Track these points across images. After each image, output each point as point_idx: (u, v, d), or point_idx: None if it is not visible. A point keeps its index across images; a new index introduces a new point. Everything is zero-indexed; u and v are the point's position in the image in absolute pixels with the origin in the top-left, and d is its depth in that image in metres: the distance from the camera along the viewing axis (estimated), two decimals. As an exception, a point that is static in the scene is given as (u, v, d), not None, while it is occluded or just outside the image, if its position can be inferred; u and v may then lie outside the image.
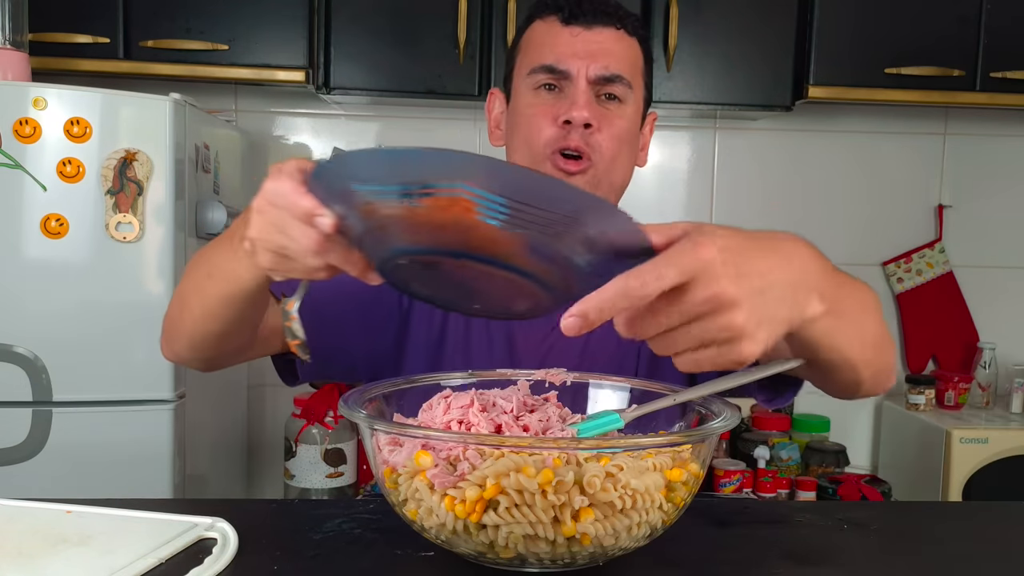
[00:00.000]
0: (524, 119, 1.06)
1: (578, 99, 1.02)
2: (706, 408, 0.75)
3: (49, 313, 1.64)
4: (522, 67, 1.08)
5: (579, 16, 1.05)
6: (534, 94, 1.06)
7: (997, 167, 2.52)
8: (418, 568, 0.67)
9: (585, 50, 1.04)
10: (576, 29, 1.05)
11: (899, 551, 0.74)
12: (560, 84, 1.04)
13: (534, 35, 1.08)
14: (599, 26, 1.05)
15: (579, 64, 1.03)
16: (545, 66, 1.04)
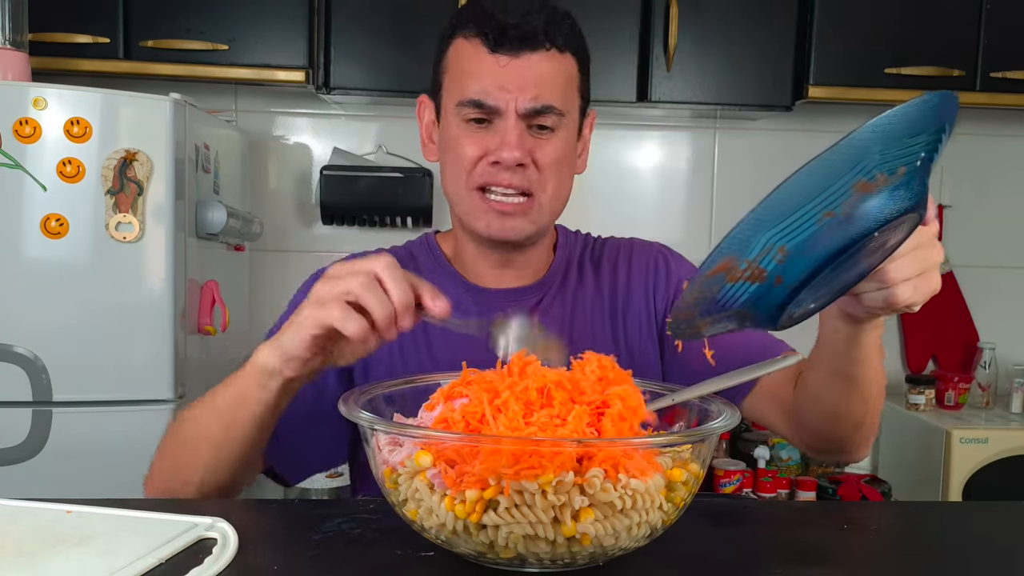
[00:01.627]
0: (454, 151, 1.03)
1: (508, 136, 0.99)
2: (706, 408, 0.75)
3: (49, 313, 1.64)
4: (450, 92, 1.03)
5: (504, 43, 0.99)
6: (464, 125, 1.02)
7: (997, 167, 2.52)
8: (418, 568, 0.67)
9: (513, 82, 0.99)
10: (503, 58, 0.99)
11: (899, 551, 0.74)
12: (490, 117, 1.00)
13: (460, 57, 1.02)
14: (527, 52, 0.99)
15: (508, 98, 0.99)
16: (473, 101, 1.00)
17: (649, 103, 2.13)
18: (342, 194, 2.26)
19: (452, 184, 1.05)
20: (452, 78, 1.03)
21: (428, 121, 1.11)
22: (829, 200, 0.58)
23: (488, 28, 0.99)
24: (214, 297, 1.86)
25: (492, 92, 0.99)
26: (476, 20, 1.01)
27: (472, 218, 1.04)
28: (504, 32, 0.98)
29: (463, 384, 0.70)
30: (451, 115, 1.03)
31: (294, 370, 0.83)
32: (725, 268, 0.61)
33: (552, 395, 0.67)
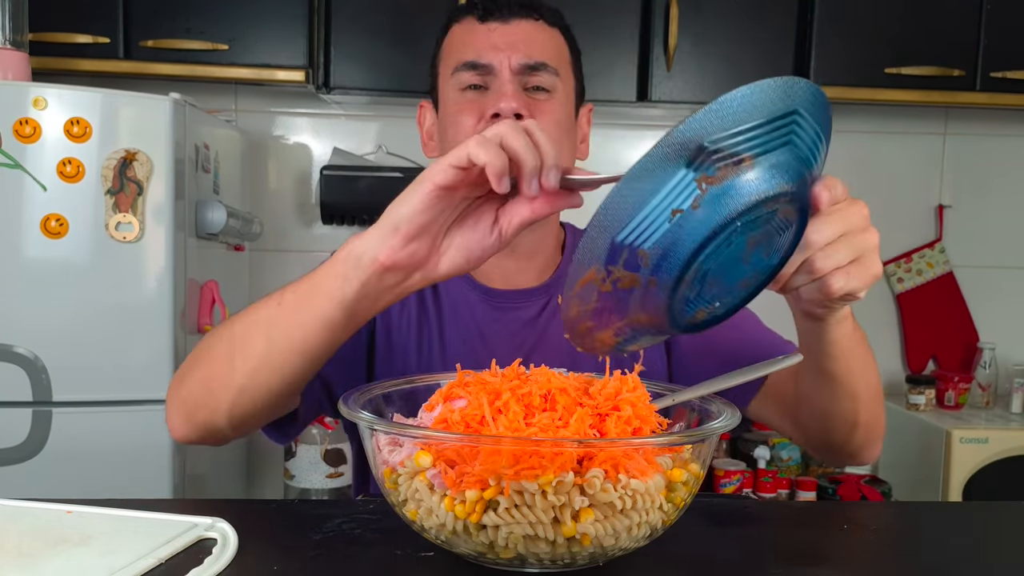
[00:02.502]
0: (452, 120, 1.02)
1: (504, 89, 0.99)
2: (706, 408, 0.75)
3: (49, 313, 1.64)
4: (445, 71, 1.05)
5: (494, 11, 1.02)
6: (460, 95, 1.02)
7: (997, 167, 2.52)
8: (418, 568, 0.67)
9: (505, 42, 1.00)
10: (493, 24, 1.02)
11: (899, 551, 0.74)
12: (485, 81, 1.01)
13: (453, 38, 1.06)
14: (516, 19, 1.02)
15: (501, 56, 1.00)
16: (467, 63, 1.00)
17: (649, 103, 2.13)
18: (342, 194, 2.26)
19: None
20: (446, 60, 1.05)
21: (429, 124, 1.12)
22: (673, 197, 0.56)
23: (479, 3, 1.03)
24: (214, 297, 1.86)
25: (484, 52, 1.00)
26: (468, 5, 1.04)
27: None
28: (495, 1, 1.02)
29: (460, 386, 0.70)
30: (448, 92, 1.03)
31: (392, 255, 0.70)
32: (592, 278, 0.60)
33: (556, 399, 0.67)
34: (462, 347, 1.04)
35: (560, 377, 0.70)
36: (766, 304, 2.15)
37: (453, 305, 1.07)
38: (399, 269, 0.72)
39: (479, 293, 1.08)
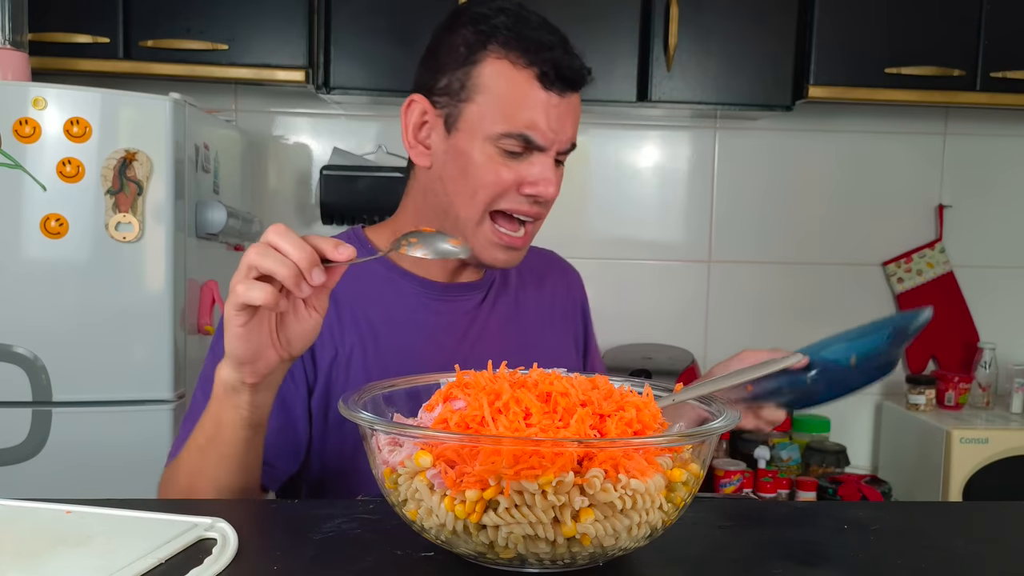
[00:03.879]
0: (480, 176, 1.01)
1: (548, 175, 1.01)
2: (706, 408, 0.75)
3: (49, 313, 1.64)
4: (486, 117, 1.00)
5: (558, 83, 1.00)
6: (497, 154, 1.01)
7: (997, 167, 2.52)
8: (418, 568, 0.67)
9: (559, 123, 1.01)
10: (555, 98, 1.00)
11: (899, 551, 0.74)
12: (527, 149, 1.01)
13: (505, 82, 1.00)
14: (570, 92, 1.02)
15: (553, 138, 1.01)
16: (522, 135, 0.99)
17: (649, 103, 2.13)
18: (342, 194, 2.26)
19: (462, 204, 1.03)
20: (491, 101, 1.01)
21: (418, 122, 1.07)
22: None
23: (544, 65, 0.99)
24: (214, 297, 1.86)
25: (543, 130, 1.00)
26: (525, 49, 1.00)
27: (478, 245, 1.04)
28: (560, 72, 1.00)
29: (459, 387, 0.70)
30: (482, 139, 1.01)
31: (253, 375, 0.81)
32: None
33: (557, 402, 0.67)
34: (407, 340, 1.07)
35: (563, 378, 0.70)
36: (767, 304, 2.22)
37: (387, 306, 1.09)
38: (266, 374, 0.82)
39: (420, 286, 1.10)
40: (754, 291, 2.50)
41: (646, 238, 2.48)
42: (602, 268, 2.46)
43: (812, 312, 2.51)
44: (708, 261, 2.50)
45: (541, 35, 1.01)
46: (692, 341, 2.49)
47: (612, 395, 0.70)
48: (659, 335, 2.48)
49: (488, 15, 1.02)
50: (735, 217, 2.49)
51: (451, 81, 1.03)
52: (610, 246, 2.47)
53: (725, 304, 2.50)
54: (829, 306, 2.52)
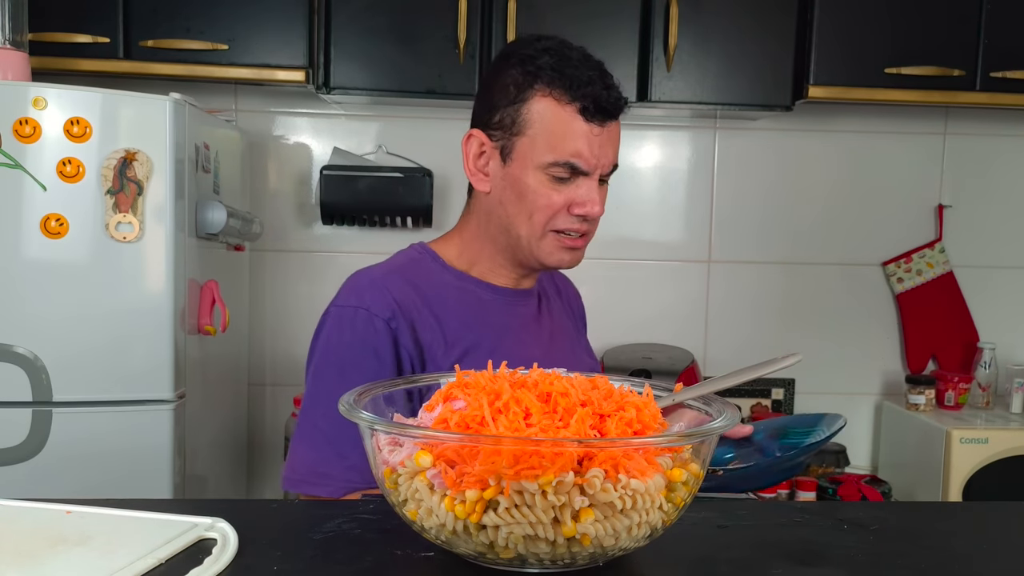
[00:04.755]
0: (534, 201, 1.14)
1: (594, 196, 1.15)
2: (706, 408, 0.75)
3: (49, 313, 1.64)
4: (536, 149, 1.13)
5: (598, 114, 1.12)
6: (547, 177, 1.14)
7: (997, 167, 2.52)
8: (418, 568, 0.67)
9: (602, 150, 1.13)
10: (596, 128, 1.12)
11: (899, 551, 0.74)
12: (573, 175, 1.14)
13: (551, 118, 1.12)
14: (612, 122, 1.14)
15: (596, 164, 1.14)
16: (569, 164, 1.12)
17: (649, 103, 2.13)
18: (342, 194, 2.26)
19: (521, 223, 1.16)
20: (541, 135, 1.13)
21: (475, 152, 1.19)
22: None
23: (585, 100, 1.11)
24: (214, 297, 1.86)
25: (587, 158, 1.13)
26: (567, 86, 1.12)
27: (542, 253, 1.18)
28: (600, 106, 1.12)
29: (459, 387, 0.70)
30: (534, 168, 1.14)
31: None
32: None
33: (557, 402, 0.67)
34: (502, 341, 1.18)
35: (563, 378, 0.70)
36: (767, 304, 2.23)
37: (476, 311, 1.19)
38: None
39: (489, 291, 1.22)
40: (754, 291, 2.50)
41: (646, 238, 2.48)
42: (602, 268, 2.46)
43: (812, 312, 2.51)
44: (708, 261, 2.50)
45: (581, 72, 1.12)
46: (692, 341, 2.49)
47: (612, 395, 0.70)
48: (659, 335, 2.48)
49: (534, 56, 1.14)
50: (735, 217, 2.49)
51: (503, 117, 1.16)
52: (610, 246, 2.47)
53: (725, 304, 2.50)
54: (829, 306, 2.52)
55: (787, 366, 0.78)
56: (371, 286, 1.14)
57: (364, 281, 1.16)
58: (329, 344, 1.13)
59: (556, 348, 1.27)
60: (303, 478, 1.09)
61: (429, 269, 1.20)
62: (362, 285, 1.15)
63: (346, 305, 1.13)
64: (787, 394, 2.52)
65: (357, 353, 1.10)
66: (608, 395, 0.70)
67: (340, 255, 2.37)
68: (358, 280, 1.17)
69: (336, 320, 1.13)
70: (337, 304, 1.15)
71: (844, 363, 2.53)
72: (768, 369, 0.82)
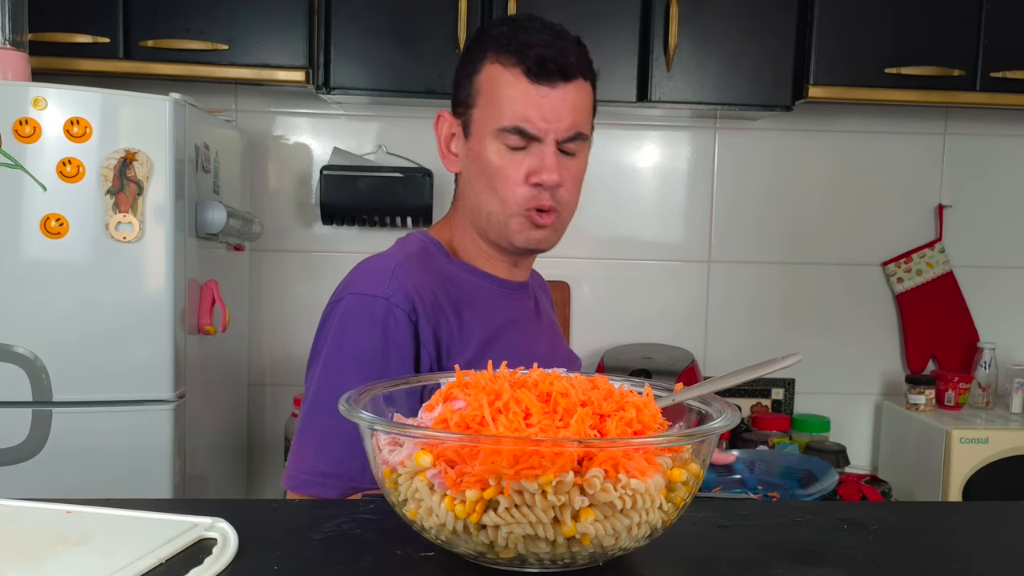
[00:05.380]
0: (494, 173, 1.11)
1: (548, 163, 1.08)
2: (706, 408, 0.75)
3: (49, 313, 1.64)
4: (488, 116, 1.10)
5: (544, 75, 1.07)
6: (502, 150, 1.10)
7: (997, 167, 2.52)
8: (418, 568, 0.67)
9: (553, 112, 1.08)
10: (543, 89, 1.07)
11: (899, 551, 0.74)
12: (527, 143, 1.09)
13: (499, 83, 1.09)
14: (563, 83, 1.08)
15: (547, 127, 1.08)
16: (516, 128, 1.08)
17: (649, 103, 2.13)
18: (342, 194, 2.26)
19: (488, 198, 1.12)
20: (489, 102, 1.10)
21: (447, 134, 1.17)
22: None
23: (529, 60, 1.07)
24: (214, 297, 1.86)
25: (535, 121, 1.07)
26: (514, 49, 1.08)
27: (510, 232, 1.13)
28: (544, 65, 1.07)
29: (459, 387, 0.70)
30: (488, 138, 1.10)
31: None
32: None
33: (557, 402, 0.67)
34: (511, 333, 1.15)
35: (563, 378, 0.70)
36: (767, 304, 2.23)
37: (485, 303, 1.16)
38: None
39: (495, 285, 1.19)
40: (754, 291, 2.50)
41: (646, 238, 2.48)
42: (602, 268, 2.46)
43: (812, 312, 2.51)
44: (708, 261, 2.50)
45: (531, 36, 1.08)
46: (692, 341, 2.49)
47: (612, 395, 0.70)
48: (659, 335, 2.48)
49: (490, 27, 1.13)
50: (735, 217, 2.49)
51: (461, 92, 1.14)
52: (610, 246, 2.47)
53: (725, 304, 2.50)
54: (829, 306, 2.52)
55: (787, 366, 0.78)
56: (390, 274, 1.07)
57: (380, 269, 1.09)
58: (344, 335, 1.06)
59: (557, 343, 1.26)
60: (309, 478, 1.03)
61: (438, 260, 1.16)
62: (379, 273, 1.08)
63: (363, 293, 1.06)
64: (787, 394, 2.52)
65: (377, 345, 1.03)
66: (608, 395, 0.70)
67: (340, 255, 2.37)
68: (373, 267, 1.10)
69: (351, 309, 1.06)
70: (352, 292, 1.07)
71: (844, 363, 2.53)
72: (768, 369, 0.81)
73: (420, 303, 1.06)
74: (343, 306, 1.07)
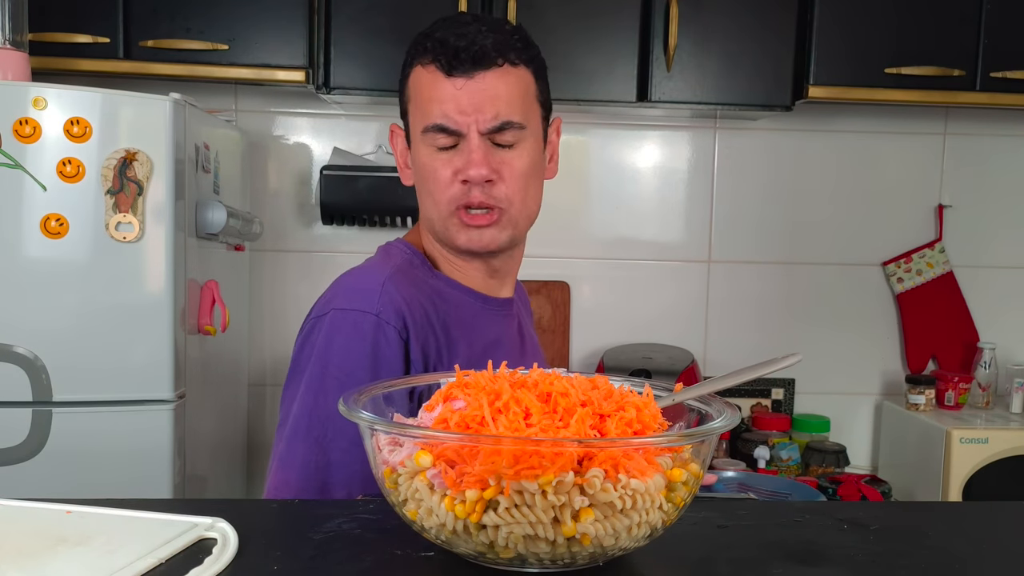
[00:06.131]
0: (426, 175, 1.07)
1: (472, 157, 1.03)
2: (706, 408, 0.75)
3: (49, 313, 1.64)
4: (415, 120, 1.07)
5: (458, 66, 1.03)
6: (431, 151, 1.06)
7: (997, 167, 2.52)
8: (418, 568, 0.67)
9: (471, 103, 1.02)
10: (459, 80, 1.03)
11: (899, 551, 0.74)
12: (455, 140, 1.04)
13: (420, 84, 1.06)
14: (480, 71, 1.03)
15: (468, 120, 1.02)
16: (436, 125, 1.04)
17: (649, 103, 2.13)
18: (342, 194, 2.26)
19: (431, 207, 1.09)
20: (415, 106, 1.07)
21: (402, 148, 1.14)
22: None
23: (442, 53, 1.03)
24: (214, 297, 1.86)
25: (452, 116, 1.03)
26: (430, 47, 1.05)
27: (451, 235, 1.08)
28: (456, 55, 1.02)
29: (459, 387, 0.70)
30: (419, 142, 1.07)
31: None
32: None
33: (557, 402, 0.67)
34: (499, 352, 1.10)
35: (563, 378, 0.70)
36: (767, 304, 2.24)
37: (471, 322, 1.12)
38: None
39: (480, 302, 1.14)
40: (754, 291, 2.50)
41: (646, 238, 2.48)
42: (602, 268, 2.46)
43: (812, 312, 2.51)
44: (708, 261, 2.50)
45: (447, 30, 1.04)
46: (692, 341, 2.49)
47: (612, 395, 0.70)
48: (659, 335, 2.48)
49: (416, 36, 1.10)
50: (735, 217, 2.49)
51: (401, 104, 1.12)
52: (610, 246, 2.47)
53: (725, 304, 2.50)
54: (829, 306, 2.52)
55: (787, 366, 0.78)
56: (379, 289, 1.02)
57: (368, 283, 1.04)
58: (330, 353, 1.00)
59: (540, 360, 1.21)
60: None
61: (422, 273, 1.11)
62: (367, 287, 1.03)
63: (350, 309, 1.01)
64: (787, 394, 2.52)
65: (366, 365, 0.98)
66: (608, 395, 0.70)
67: (340, 255, 2.37)
68: (360, 282, 1.06)
69: (338, 326, 1.01)
70: (338, 307, 1.02)
71: (844, 363, 2.53)
72: (768, 369, 0.81)
73: (410, 319, 1.02)
74: (328, 322, 1.02)
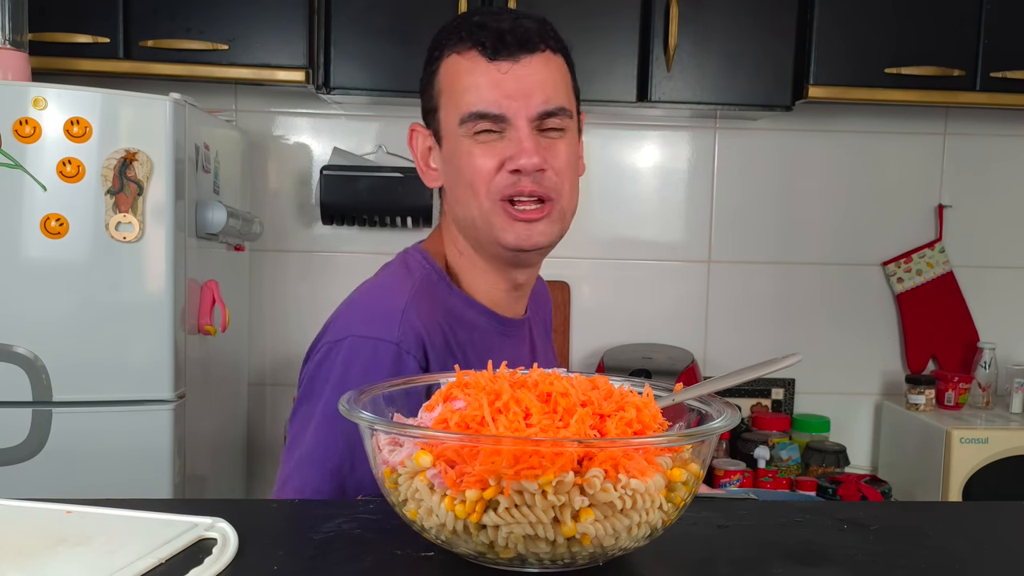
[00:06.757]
0: (467, 167, 1.00)
1: (524, 145, 0.97)
2: (706, 408, 0.75)
3: (49, 313, 1.64)
4: (450, 111, 1.00)
5: (502, 49, 0.97)
6: (471, 141, 0.99)
7: (997, 167, 2.52)
8: (418, 568, 0.67)
9: (519, 88, 0.97)
10: (504, 64, 0.97)
11: (899, 551, 0.74)
12: (499, 127, 0.98)
13: (457, 72, 1.00)
14: (526, 55, 0.97)
15: (516, 105, 0.97)
16: (478, 113, 0.97)
17: (649, 103, 2.13)
18: (342, 194, 2.26)
19: (468, 203, 1.01)
20: (449, 96, 1.01)
21: (423, 148, 1.09)
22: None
23: (484, 37, 0.97)
24: (214, 297, 1.86)
25: (499, 101, 0.97)
26: (467, 33, 0.99)
27: (497, 233, 1.01)
28: (502, 38, 0.96)
29: (459, 387, 0.70)
30: (455, 135, 1.00)
31: None
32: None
33: (557, 402, 0.67)
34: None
35: (563, 378, 0.70)
36: (767, 304, 2.24)
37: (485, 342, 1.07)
38: None
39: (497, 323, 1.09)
40: (754, 291, 2.50)
41: (646, 238, 2.48)
42: (602, 268, 2.47)
43: (812, 312, 2.51)
44: (708, 261, 2.50)
45: (484, 18, 0.99)
46: (692, 341, 2.49)
47: (612, 395, 0.70)
48: (659, 335, 2.48)
49: (444, 27, 1.03)
50: (735, 217, 2.49)
51: (427, 100, 1.06)
52: (610, 246, 2.47)
53: (725, 304, 2.50)
54: (829, 306, 2.52)
55: (787, 366, 0.78)
56: (399, 316, 0.96)
57: (388, 308, 0.98)
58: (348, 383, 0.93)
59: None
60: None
61: (441, 291, 1.05)
62: (387, 313, 0.98)
63: (369, 336, 0.96)
64: (787, 394, 2.52)
65: None
66: (608, 395, 0.70)
67: (340, 255, 2.37)
68: (379, 307, 1.00)
69: (357, 353, 0.96)
70: (357, 334, 0.97)
71: (844, 363, 2.53)
72: (768, 369, 0.82)
73: (430, 346, 0.97)
74: (346, 349, 0.97)
